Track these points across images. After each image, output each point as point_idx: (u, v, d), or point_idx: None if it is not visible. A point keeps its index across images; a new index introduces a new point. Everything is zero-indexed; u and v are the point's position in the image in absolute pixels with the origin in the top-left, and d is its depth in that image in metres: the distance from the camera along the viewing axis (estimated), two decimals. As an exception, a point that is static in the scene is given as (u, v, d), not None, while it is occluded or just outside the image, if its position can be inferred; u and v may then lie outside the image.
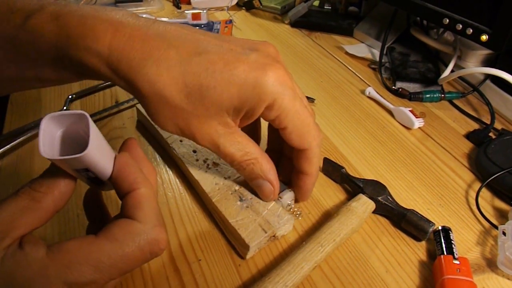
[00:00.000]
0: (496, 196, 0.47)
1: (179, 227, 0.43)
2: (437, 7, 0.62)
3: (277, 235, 0.41)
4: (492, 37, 0.55)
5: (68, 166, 0.27)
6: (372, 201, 0.43)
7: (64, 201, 0.29)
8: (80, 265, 0.25)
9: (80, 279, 0.25)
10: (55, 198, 0.28)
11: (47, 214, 0.28)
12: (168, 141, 0.50)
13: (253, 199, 0.42)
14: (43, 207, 0.28)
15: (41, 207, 0.28)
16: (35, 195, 0.28)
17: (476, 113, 0.61)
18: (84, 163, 0.26)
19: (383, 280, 0.38)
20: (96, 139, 0.26)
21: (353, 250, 0.41)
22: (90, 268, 0.26)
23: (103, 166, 0.29)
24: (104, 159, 0.29)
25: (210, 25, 0.89)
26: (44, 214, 0.28)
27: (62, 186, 0.29)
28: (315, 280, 0.38)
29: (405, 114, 0.58)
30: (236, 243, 0.40)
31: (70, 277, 0.25)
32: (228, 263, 0.39)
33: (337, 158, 0.52)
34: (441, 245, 0.39)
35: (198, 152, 0.48)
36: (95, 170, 0.28)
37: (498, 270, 0.39)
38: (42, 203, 0.28)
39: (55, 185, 0.28)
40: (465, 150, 0.54)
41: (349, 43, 0.82)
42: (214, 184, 0.44)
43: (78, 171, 0.28)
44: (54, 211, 0.29)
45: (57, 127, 0.27)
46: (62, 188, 0.29)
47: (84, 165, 0.27)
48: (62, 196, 0.29)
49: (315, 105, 0.63)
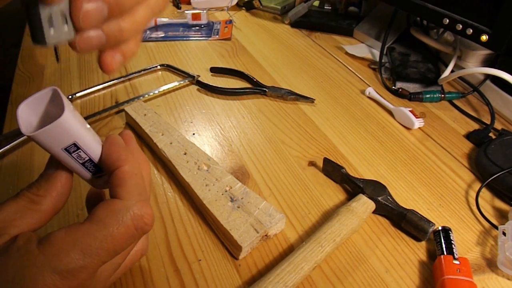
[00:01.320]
0: (496, 196, 0.47)
1: (179, 227, 0.43)
2: (437, 7, 0.62)
3: (269, 234, 0.41)
4: (492, 37, 0.55)
5: (57, 145, 0.27)
6: (372, 201, 0.43)
7: (62, 202, 0.29)
8: (68, 251, 0.25)
9: (69, 265, 0.25)
10: (53, 199, 0.28)
11: (47, 215, 0.28)
12: (158, 144, 0.50)
13: (244, 199, 0.42)
14: (42, 209, 0.28)
15: (40, 209, 0.28)
16: (34, 198, 0.28)
17: (476, 113, 0.61)
18: (68, 132, 0.26)
19: (383, 280, 0.38)
20: (72, 110, 0.26)
21: (353, 250, 0.41)
22: (78, 253, 0.25)
23: (91, 142, 0.29)
24: (89, 134, 0.29)
25: (210, 25, 0.89)
26: (44, 216, 0.28)
27: (59, 187, 0.29)
28: (315, 280, 0.38)
29: (405, 114, 0.58)
30: (229, 243, 0.40)
31: (59, 265, 0.25)
32: (228, 263, 0.39)
33: (337, 158, 0.52)
34: (441, 245, 0.39)
35: (188, 154, 0.48)
36: (84, 145, 0.28)
37: (498, 270, 0.39)
38: (41, 205, 0.28)
39: (52, 187, 0.29)
40: (465, 150, 0.54)
41: (349, 43, 0.82)
42: (205, 186, 0.44)
43: (69, 152, 0.28)
44: (54, 212, 0.29)
45: (35, 111, 0.27)
46: (60, 189, 0.29)
47: (70, 137, 0.26)
48: (60, 197, 0.29)
49: (315, 105, 0.63)
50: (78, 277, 0.26)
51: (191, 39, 0.84)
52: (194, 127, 0.58)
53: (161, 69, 0.72)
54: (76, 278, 0.25)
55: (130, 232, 0.28)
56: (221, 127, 0.58)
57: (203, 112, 0.61)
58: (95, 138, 0.30)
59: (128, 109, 0.57)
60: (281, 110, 0.62)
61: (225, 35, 0.84)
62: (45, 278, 0.25)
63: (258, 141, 0.55)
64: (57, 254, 0.25)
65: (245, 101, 0.64)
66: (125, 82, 0.68)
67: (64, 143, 0.27)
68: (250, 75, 0.68)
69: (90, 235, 0.26)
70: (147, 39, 0.83)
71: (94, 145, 0.29)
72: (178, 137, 0.51)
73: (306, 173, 0.50)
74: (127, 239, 0.28)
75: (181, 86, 0.67)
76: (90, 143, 0.29)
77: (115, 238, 0.27)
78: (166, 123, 0.54)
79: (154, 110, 0.56)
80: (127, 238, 0.28)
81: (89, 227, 0.27)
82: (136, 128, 0.56)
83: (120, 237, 0.27)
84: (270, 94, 0.65)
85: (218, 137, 0.56)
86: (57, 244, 0.26)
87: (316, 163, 0.51)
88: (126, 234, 0.28)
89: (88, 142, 0.28)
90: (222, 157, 0.52)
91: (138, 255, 0.34)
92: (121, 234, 0.27)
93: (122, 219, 0.27)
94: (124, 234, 0.28)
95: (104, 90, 0.66)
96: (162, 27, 0.88)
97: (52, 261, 0.25)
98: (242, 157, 0.52)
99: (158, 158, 0.52)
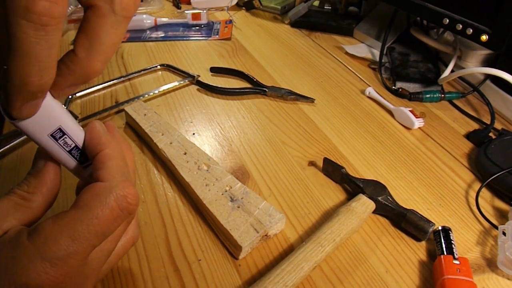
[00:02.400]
0: (496, 196, 0.47)
1: (179, 227, 0.43)
2: (437, 7, 0.62)
3: (269, 234, 0.41)
4: (492, 37, 0.55)
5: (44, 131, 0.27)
6: (372, 201, 0.43)
7: (53, 196, 0.30)
8: (56, 239, 0.25)
9: (59, 252, 0.25)
10: (44, 195, 0.29)
11: (39, 211, 0.29)
12: (158, 144, 0.50)
13: (244, 199, 0.42)
14: (34, 206, 0.29)
15: (31, 205, 0.28)
16: (25, 196, 0.28)
17: (476, 113, 0.61)
18: (53, 116, 0.26)
19: (383, 280, 0.38)
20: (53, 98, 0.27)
21: (353, 250, 0.41)
22: (66, 239, 0.26)
23: (75, 128, 0.29)
24: (72, 121, 0.29)
25: (210, 25, 0.89)
26: (36, 211, 0.29)
27: (49, 182, 0.29)
28: (315, 280, 0.38)
29: (405, 114, 0.58)
30: (229, 243, 0.40)
31: (48, 253, 0.25)
32: (228, 263, 0.39)
33: (337, 158, 0.52)
34: (441, 245, 0.39)
35: (188, 154, 0.48)
36: (69, 131, 0.28)
37: (498, 270, 0.39)
38: (32, 202, 0.28)
39: (42, 183, 0.29)
40: (465, 150, 0.54)
41: (349, 43, 0.82)
42: (205, 186, 0.44)
43: (55, 138, 0.28)
44: (46, 207, 0.29)
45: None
46: (49, 184, 0.29)
47: (55, 120, 0.27)
48: (51, 192, 0.29)
49: (315, 105, 0.63)
50: (68, 263, 0.26)
51: (191, 39, 0.84)
52: (194, 127, 0.58)
53: (161, 69, 0.72)
54: (66, 265, 0.25)
55: (115, 213, 0.28)
56: (221, 127, 0.58)
57: (203, 112, 0.61)
58: (78, 126, 0.30)
59: (128, 109, 0.57)
60: (281, 110, 0.62)
61: (225, 35, 0.84)
62: (36, 267, 0.25)
63: (258, 141, 0.55)
64: (45, 243, 0.25)
65: (245, 101, 0.64)
66: (125, 82, 0.68)
67: (50, 128, 0.27)
68: (250, 75, 0.68)
69: (76, 220, 0.26)
70: (147, 39, 0.83)
71: (78, 132, 0.30)
72: (178, 137, 0.51)
73: (306, 173, 0.50)
74: (113, 220, 0.28)
75: (181, 86, 0.67)
76: (75, 129, 0.29)
77: (101, 220, 0.27)
78: (166, 123, 0.54)
79: (154, 110, 0.56)
80: (113, 219, 0.28)
81: (75, 213, 0.27)
82: (136, 128, 0.56)
83: (105, 218, 0.27)
84: (270, 94, 0.65)
85: (218, 137, 0.56)
86: (45, 233, 0.26)
87: (316, 163, 0.51)
88: (111, 215, 0.28)
89: (72, 128, 0.29)
90: (222, 157, 0.52)
91: (130, 242, 0.34)
92: (106, 215, 0.27)
93: (106, 201, 0.27)
94: (110, 215, 0.27)
95: (104, 90, 0.66)
96: (162, 27, 0.88)
97: (41, 249, 0.25)
98: (242, 157, 0.52)
99: (158, 158, 0.52)
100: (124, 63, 0.74)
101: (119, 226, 0.29)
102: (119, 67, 0.72)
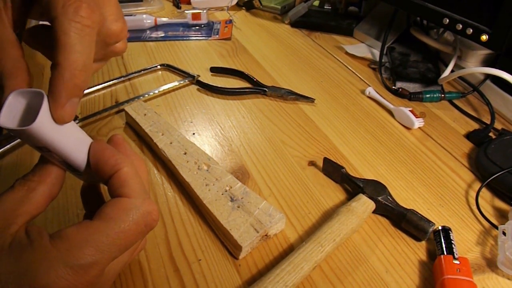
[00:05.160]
0: (496, 196, 0.47)
1: (179, 227, 0.43)
2: (437, 7, 0.62)
3: (269, 234, 0.41)
4: (492, 37, 0.55)
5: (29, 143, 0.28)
6: (372, 201, 0.43)
7: (57, 187, 0.30)
8: (81, 247, 0.26)
9: (82, 260, 0.26)
10: (48, 185, 0.29)
11: (43, 201, 0.29)
12: (158, 144, 0.50)
13: (244, 199, 0.42)
14: (38, 195, 0.29)
15: (36, 195, 0.29)
16: (30, 185, 0.29)
17: (476, 113, 0.61)
18: (36, 139, 0.26)
19: (383, 280, 0.38)
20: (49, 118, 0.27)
21: (353, 250, 0.41)
22: (91, 249, 0.26)
23: (66, 149, 0.29)
24: (68, 141, 0.29)
25: (210, 25, 0.89)
26: (41, 201, 0.29)
27: (54, 173, 0.30)
28: (315, 280, 0.38)
29: (405, 114, 0.58)
30: (229, 243, 0.40)
31: (72, 260, 0.26)
32: (228, 263, 0.39)
33: (337, 158, 0.52)
34: (441, 245, 0.39)
35: (188, 154, 0.48)
36: (56, 151, 0.28)
37: (498, 270, 0.39)
38: (37, 191, 0.29)
39: (46, 173, 0.29)
40: (465, 150, 0.54)
41: (349, 43, 0.82)
42: (205, 186, 0.44)
43: (41, 149, 0.28)
44: (50, 197, 0.30)
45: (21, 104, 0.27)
46: (54, 174, 0.30)
47: (39, 141, 0.27)
48: (55, 182, 0.30)
49: (315, 105, 0.63)
50: (89, 272, 0.26)
51: (191, 39, 0.84)
52: (194, 127, 0.58)
53: (161, 69, 0.72)
54: (87, 274, 0.26)
55: (140, 229, 0.29)
56: (221, 127, 0.58)
57: (203, 112, 0.61)
58: (77, 144, 0.30)
59: (128, 109, 0.57)
60: (281, 110, 0.62)
61: (225, 35, 0.84)
62: (58, 272, 0.25)
63: (258, 141, 0.55)
64: (70, 249, 0.26)
65: (245, 101, 0.64)
66: (125, 82, 0.68)
67: (35, 144, 0.28)
68: (250, 75, 0.68)
69: (102, 233, 0.27)
70: (147, 39, 0.83)
71: (73, 150, 0.29)
72: (178, 137, 0.51)
73: (306, 173, 0.50)
74: (137, 236, 0.29)
75: (181, 86, 0.67)
76: (65, 149, 0.29)
77: (126, 235, 0.28)
78: (166, 123, 0.54)
79: (154, 110, 0.56)
80: (137, 235, 0.29)
81: (100, 224, 0.28)
82: (136, 128, 0.56)
83: (131, 233, 0.29)
84: (270, 94, 0.65)
85: (218, 137, 0.56)
86: (69, 240, 0.26)
87: (316, 163, 0.51)
88: (136, 231, 0.29)
89: (62, 148, 0.28)
90: (222, 157, 0.52)
91: (137, 250, 0.35)
92: (132, 230, 0.29)
93: (133, 217, 0.29)
94: (135, 231, 0.29)
95: (104, 90, 0.66)
96: (162, 27, 0.88)
97: (65, 255, 0.26)
98: (242, 157, 0.52)
99: (158, 158, 0.52)
100: (124, 63, 0.74)
101: (139, 240, 0.31)
102: (119, 67, 0.72)
